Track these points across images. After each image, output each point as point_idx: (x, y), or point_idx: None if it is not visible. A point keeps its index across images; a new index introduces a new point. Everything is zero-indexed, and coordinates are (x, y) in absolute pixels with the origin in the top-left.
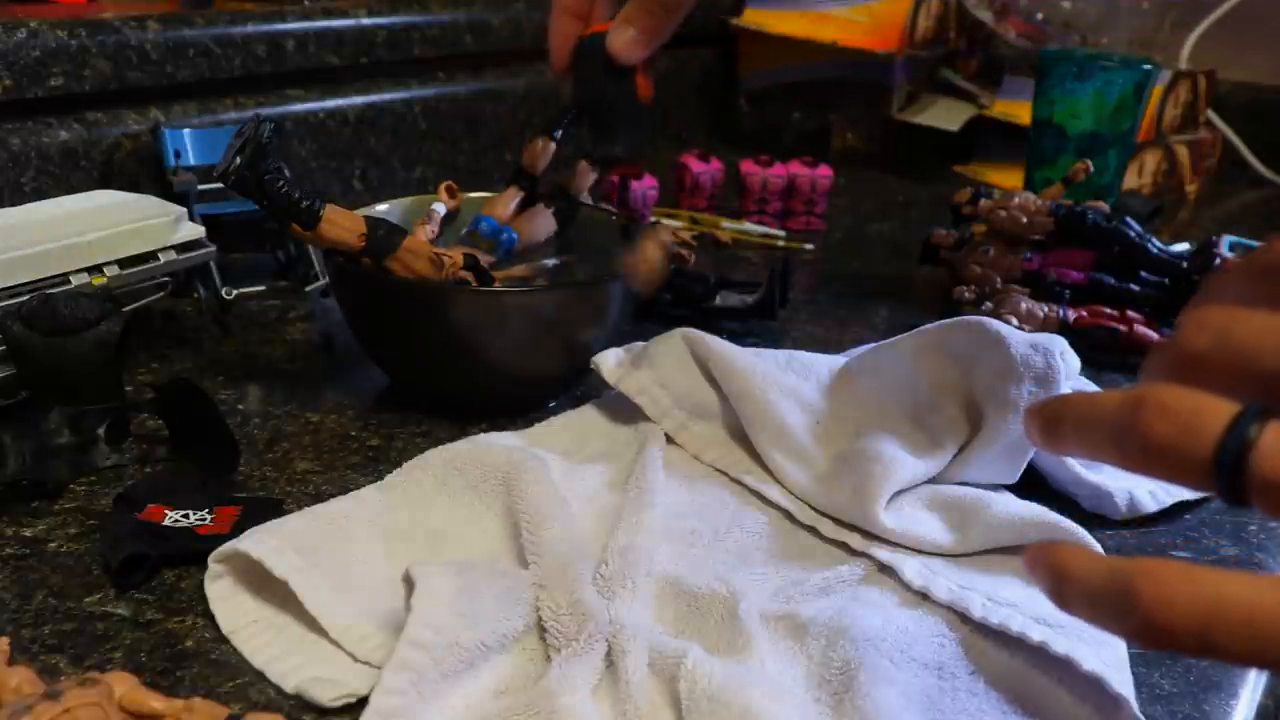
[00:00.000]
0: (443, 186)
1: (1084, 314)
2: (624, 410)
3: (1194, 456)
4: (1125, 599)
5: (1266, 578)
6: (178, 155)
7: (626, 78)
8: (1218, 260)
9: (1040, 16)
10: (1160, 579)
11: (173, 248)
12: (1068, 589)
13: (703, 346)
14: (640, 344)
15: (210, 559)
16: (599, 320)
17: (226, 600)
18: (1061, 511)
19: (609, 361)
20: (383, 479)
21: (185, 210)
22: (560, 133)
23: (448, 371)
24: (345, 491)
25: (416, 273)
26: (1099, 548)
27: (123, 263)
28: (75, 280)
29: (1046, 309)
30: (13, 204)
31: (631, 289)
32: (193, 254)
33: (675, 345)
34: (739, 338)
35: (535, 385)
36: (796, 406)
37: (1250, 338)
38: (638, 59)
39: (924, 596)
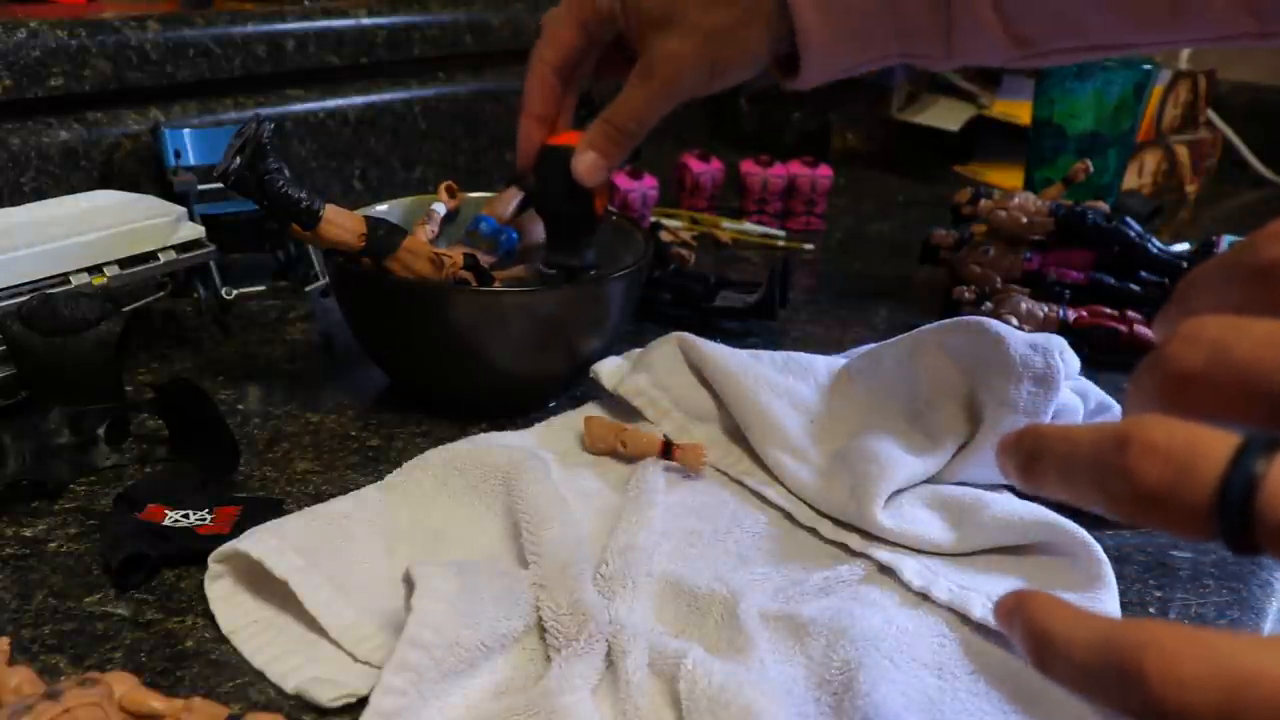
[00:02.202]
0: (443, 186)
1: (1084, 314)
2: (624, 411)
3: (1192, 501)
4: (1126, 677)
5: None
6: (178, 155)
7: (585, 196)
8: None
9: None
10: (1169, 652)
11: (173, 248)
12: (1050, 657)
13: (696, 351)
14: (637, 350)
15: (210, 559)
16: (599, 320)
17: (226, 600)
18: (1061, 511)
19: (607, 367)
20: (383, 479)
21: (185, 210)
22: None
23: (448, 371)
24: (345, 491)
25: (416, 273)
26: (1099, 549)
27: (123, 263)
28: (75, 280)
29: (1046, 309)
30: (13, 204)
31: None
32: (193, 254)
33: (671, 350)
34: (739, 338)
35: (535, 385)
36: (791, 407)
37: (1254, 353)
38: (598, 182)
39: (924, 597)
